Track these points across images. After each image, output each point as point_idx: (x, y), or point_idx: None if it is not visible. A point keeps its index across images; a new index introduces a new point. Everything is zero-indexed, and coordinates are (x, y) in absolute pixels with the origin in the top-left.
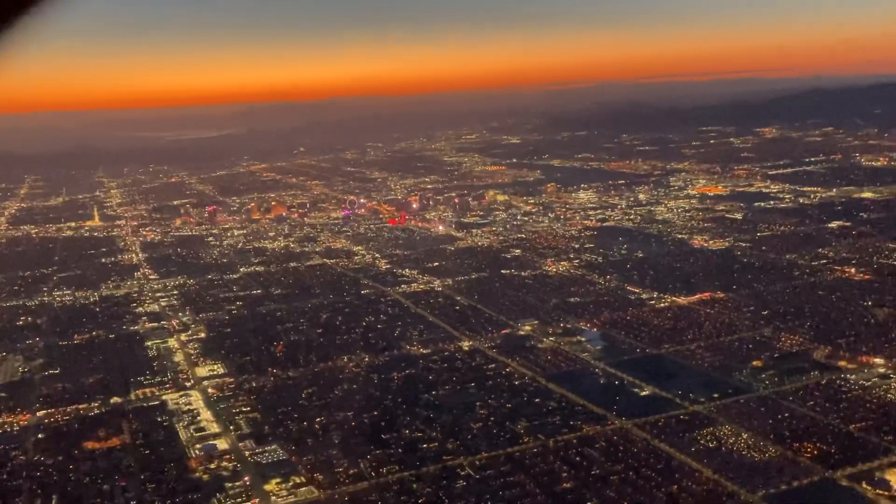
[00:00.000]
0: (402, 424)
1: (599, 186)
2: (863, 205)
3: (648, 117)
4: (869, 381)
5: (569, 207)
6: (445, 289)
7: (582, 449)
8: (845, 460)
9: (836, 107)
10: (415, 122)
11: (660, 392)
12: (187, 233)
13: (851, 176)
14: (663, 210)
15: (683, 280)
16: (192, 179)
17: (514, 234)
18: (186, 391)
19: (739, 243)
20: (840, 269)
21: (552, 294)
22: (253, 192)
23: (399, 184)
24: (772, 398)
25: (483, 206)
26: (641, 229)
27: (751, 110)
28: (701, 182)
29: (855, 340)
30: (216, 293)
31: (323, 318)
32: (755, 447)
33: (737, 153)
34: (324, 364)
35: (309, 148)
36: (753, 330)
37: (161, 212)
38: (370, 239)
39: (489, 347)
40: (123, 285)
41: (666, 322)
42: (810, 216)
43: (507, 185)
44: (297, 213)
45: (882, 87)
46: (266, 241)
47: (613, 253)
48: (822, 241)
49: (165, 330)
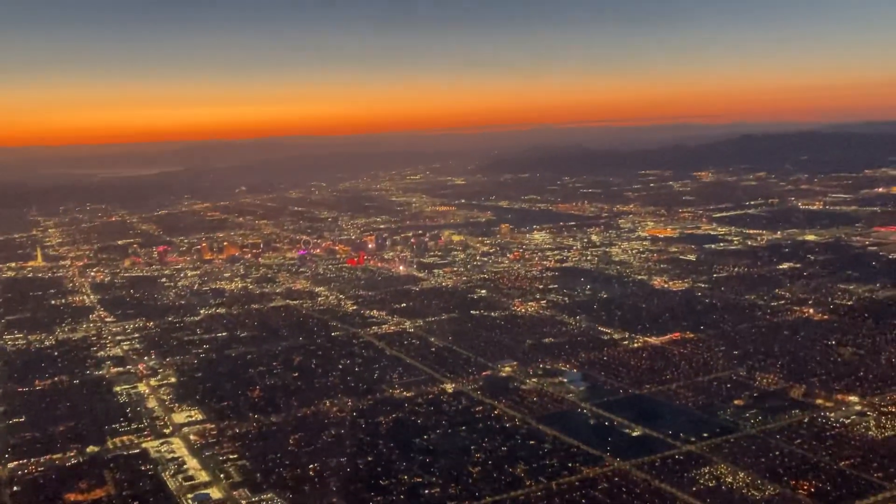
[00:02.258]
0: (398, 470)
1: (552, 227)
2: (808, 247)
3: (588, 161)
4: (848, 419)
5: (525, 248)
6: (417, 330)
7: (586, 491)
8: (842, 498)
9: (765, 153)
10: (355, 162)
11: (650, 432)
12: (138, 273)
13: (792, 219)
14: (618, 251)
15: (651, 320)
16: (134, 218)
17: (477, 275)
18: (167, 439)
19: (698, 284)
20: (799, 309)
21: (526, 335)
22: (200, 232)
23: (350, 223)
24: (760, 437)
25: (440, 246)
26: (601, 270)
27: (686, 155)
28: (649, 224)
29: (827, 379)
30: (180, 336)
31: (296, 362)
32: (753, 486)
33: (678, 196)
34: (306, 409)
35: (250, 187)
36: (728, 369)
37: (107, 252)
38: (331, 279)
39: (473, 389)
40: (79, 328)
41: (643, 362)
42: (761, 258)
43: (461, 226)
44: (250, 254)
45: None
46: (223, 282)
47: (578, 294)
48: (777, 282)
49: (133, 375)
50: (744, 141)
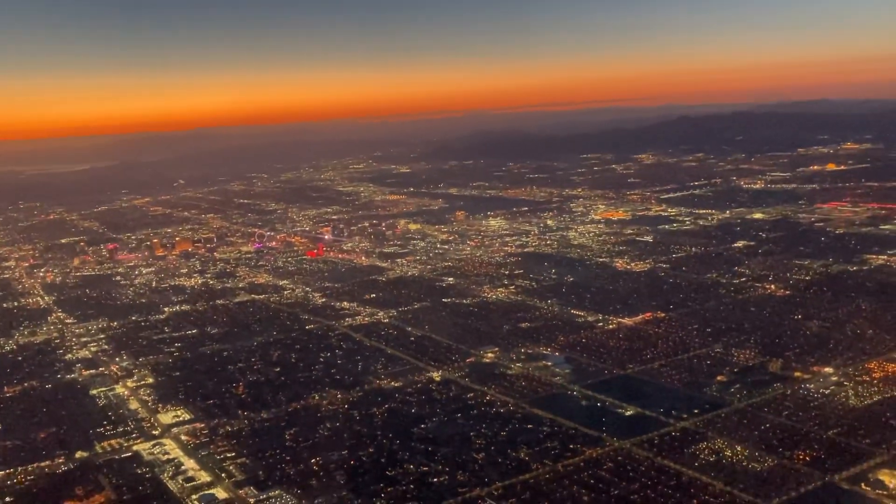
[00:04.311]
0: (403, 460)
1: (506, 213)
2: (758, 225)
3: (530, 146)
4: (828, 390)
5: (484, 235)
6: (392, 320)
7: (592, 471)
8: (837, 465)
9: (701, 134)
10: (294, 152)
11: (643, 411)
12: (90, 272)
13: (737, 198)
14: (575, 235)
15: (621, 302)
16: (73, 216)
17: (441, 263)
18: (158, 440)
19: (659, 265)
20: (761, 285)
21: (501, 320)
22: (146, 228)
23: (301, 215)
24: (749, 411)
25: (398, 235)
26: (562, 254)
27: (625, 138)
28: (601, 207)
29: (801, 352)
30: (148, 335)
31: (276, 356)
32: (752, 458)
33: (623, 179)
34: (296, 403)
35: (189, 180)
36: (705, 347)
37: (52, 251)
38: (293, 272)
39: (460, 377)
40: (39, 331)
41: (621, 343)
42: (715, 237)
43: (415, 214)
44: (204, 249)
45: (739, 116)
46: (181, 278)
47: (545, 278)
48: (735, 260)
49: (107, 377)
50: (680, 122)
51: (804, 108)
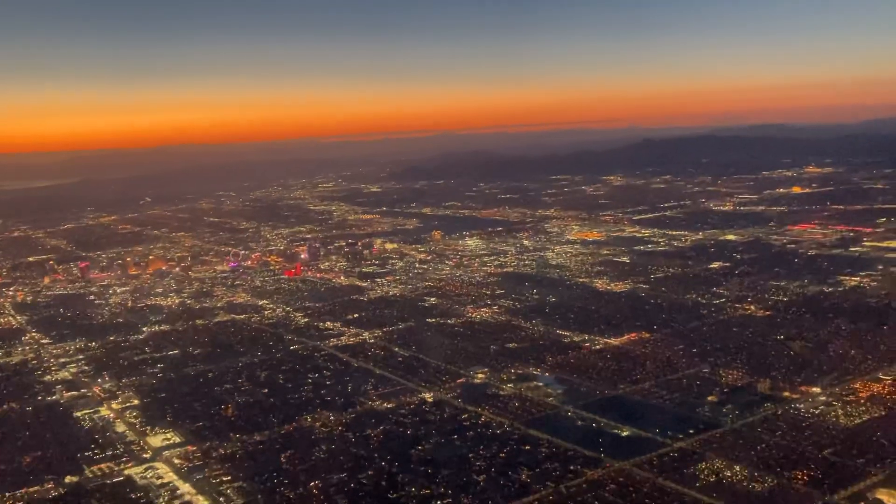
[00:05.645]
0: (404, 483)
1: (482, 233)
2: (732, 246)
3: (499, 167)
4: (818, 409)
5: (462, 254)
6: (378, 340)
7: (595, 493)
8: (836, 484)
9: (666, 156)
10: (261, 171)
11: (639, 432)
12: (62, 291)
13: (709, 220)
14: (553, 255)
15: (605, 322)
16: (39, 233)
17: (421, 283)
18: (149, 464)
19: (639, 285)
20: (741, 306)
21: (488, 341)
22: (116, 247)
23: (274, 234)
24: (743, 430)
25: (375, 255)
26: (542, 274)
27: (592, 159)
28: (575, 228)
29: (787, 372)
30: (129, 356)
31: (262, 377)
32: (752, 478)
33: (593, 200)
34: (288, 425)
35: (155, 198)
36: (693, 367)
37: (20, 270)
38: (272, 292)
39: (453, 398)
40: (14, 352)
41: (609, 363)
42: (691, 258)
43: (390, 234)
44: (178, 267)
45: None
46: (157, 297)
47: (527, 298)
48: (713, 281)
49: (90, 399)
50: (645, 145)
51: (763, 131)
